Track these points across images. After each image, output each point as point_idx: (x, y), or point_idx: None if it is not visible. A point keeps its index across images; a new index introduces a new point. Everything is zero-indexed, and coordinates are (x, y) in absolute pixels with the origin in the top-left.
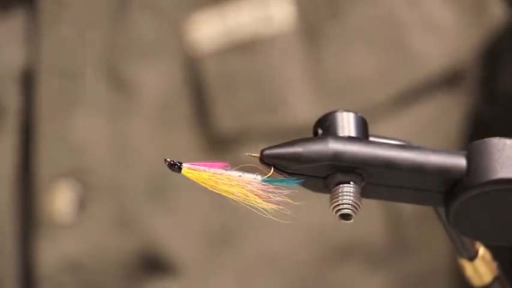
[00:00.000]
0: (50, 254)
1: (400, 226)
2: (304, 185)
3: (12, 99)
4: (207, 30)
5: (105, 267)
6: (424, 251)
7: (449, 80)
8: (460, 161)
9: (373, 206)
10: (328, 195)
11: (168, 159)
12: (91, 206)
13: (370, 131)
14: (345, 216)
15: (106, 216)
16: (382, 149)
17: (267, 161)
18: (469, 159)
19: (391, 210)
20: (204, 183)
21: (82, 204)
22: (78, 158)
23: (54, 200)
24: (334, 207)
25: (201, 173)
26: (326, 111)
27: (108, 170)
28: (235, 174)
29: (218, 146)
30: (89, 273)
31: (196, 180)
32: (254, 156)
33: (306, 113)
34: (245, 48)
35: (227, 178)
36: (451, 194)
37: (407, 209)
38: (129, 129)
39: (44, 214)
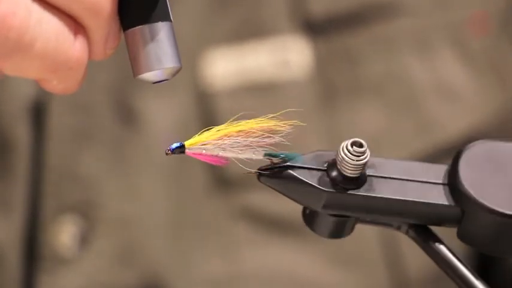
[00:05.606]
0: None
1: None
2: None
3: (22, 132)
4: (223, 68)
5: None
6: None
7: None
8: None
9: (379, 270)
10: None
11: (169, 149)
12: (95, 240)
13: None
14: None
15: (110, 252)
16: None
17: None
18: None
19: (396, 272)
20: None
21: (86, 239)
22: (84, 192)
23: (58, 234)
24: None
25: (201, 154)
26: None
27: (114, 205)
28: (233, 155)
29: (227, 185)
30: None
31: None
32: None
33: None
34: (259, 89)
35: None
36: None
37: (414, 271)
38: (137, 163)
39: (47, 248)
